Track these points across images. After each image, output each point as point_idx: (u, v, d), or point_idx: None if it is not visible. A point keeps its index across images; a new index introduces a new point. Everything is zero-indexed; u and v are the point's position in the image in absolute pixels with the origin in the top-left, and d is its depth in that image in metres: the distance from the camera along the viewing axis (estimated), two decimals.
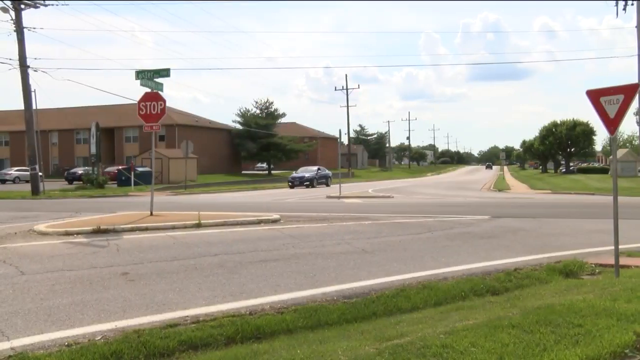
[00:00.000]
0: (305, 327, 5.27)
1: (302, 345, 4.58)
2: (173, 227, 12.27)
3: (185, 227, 12.37)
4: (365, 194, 31.29)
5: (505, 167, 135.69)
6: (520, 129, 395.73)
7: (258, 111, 76.08)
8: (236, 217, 14.04)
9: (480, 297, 6.40)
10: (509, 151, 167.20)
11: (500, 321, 4.82)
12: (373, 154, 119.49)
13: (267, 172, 74.87)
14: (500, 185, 43.32)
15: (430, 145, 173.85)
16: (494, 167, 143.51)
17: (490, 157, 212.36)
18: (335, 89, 74.80)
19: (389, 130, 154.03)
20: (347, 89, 72.63)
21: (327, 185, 43.25)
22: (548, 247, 9.77)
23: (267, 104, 76.87)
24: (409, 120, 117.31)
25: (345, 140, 68.06)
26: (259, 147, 70.45)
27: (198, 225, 12.44)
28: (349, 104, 73.04)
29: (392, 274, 7.47)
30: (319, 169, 44.52)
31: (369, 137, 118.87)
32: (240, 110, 75.44)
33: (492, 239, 11.01)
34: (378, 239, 10.81)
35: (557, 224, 13.79)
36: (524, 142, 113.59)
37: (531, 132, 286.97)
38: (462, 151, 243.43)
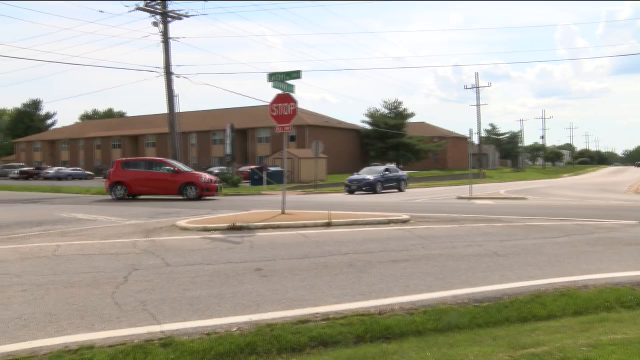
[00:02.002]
0: (434, 329, 5.18)
1: (431, 347, 4.52)
2: (304, 226, 12.58)
3: (315, 225, 12.63)
4: (497, 195, 30.14)
5: None
6: None
7: (387, 111, 76.52)
8: (365, 216, 14.12)
9: (628, 309, 5.87)
10: None
11: None
12: (505, 154, 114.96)
13: None
14: None
15: (566, 144, 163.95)
16: None
17: (637, 157, 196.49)
18: (465, 88, 73.27)
19: (521, 129, 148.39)
20: (477, 87, 70.42)
21: (400, 189, 34.57)
22: None
23: (396, 104, 77.04)
24: (543, 118, 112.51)
25: (475, 139, 65.79)
26: (387, 147, 70.54)
27: (328, 224, 12.64)
28: (480, 103, 70.83)
29: (525, 278, 7.13)
30: (386, 169, 35.23)
31: (500, 137, 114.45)
32: (368, 110, 76.42)
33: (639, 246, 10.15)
34: (511, 242, 10.37)
35: None
36: None
37: None
38: (603, 150, 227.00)
